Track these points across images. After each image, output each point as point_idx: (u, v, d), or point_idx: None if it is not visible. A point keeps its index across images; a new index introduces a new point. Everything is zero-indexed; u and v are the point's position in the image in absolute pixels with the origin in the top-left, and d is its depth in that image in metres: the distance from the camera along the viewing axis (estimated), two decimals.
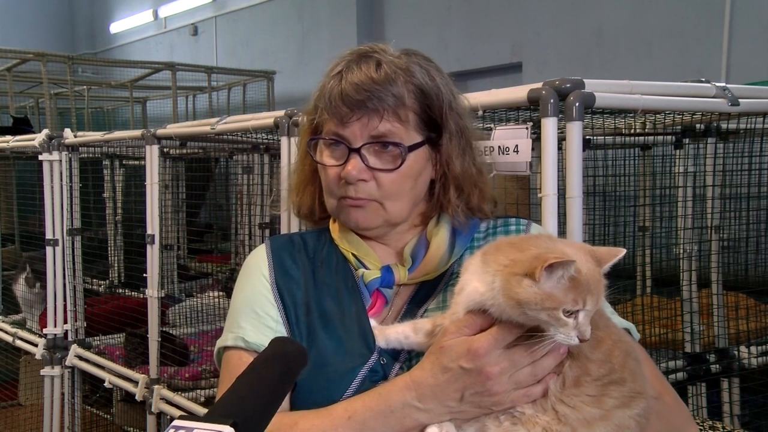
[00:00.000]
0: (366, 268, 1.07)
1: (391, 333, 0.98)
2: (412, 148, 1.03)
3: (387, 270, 1.05)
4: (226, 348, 1.06)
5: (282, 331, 1.04)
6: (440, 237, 1.07)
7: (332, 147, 1.05)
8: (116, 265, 4.22)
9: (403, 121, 1.02)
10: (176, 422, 0.65)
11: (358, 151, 1.01)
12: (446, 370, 0.87)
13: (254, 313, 1.06)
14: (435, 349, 0.90)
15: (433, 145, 1.07)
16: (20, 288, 3.58)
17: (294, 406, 1.00)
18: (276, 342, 0.82)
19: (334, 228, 1.13)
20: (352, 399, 0.94)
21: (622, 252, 0.85)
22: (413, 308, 1.04)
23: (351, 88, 1.00)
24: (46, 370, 3.07)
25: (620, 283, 2.11)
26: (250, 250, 3.20)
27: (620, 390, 0.83)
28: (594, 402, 0.83)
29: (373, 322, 1.01)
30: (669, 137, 2.45)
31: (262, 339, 1.02)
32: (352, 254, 1.08)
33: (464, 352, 0.86)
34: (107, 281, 4.18)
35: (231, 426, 0.64)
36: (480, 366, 0.85)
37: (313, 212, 1.16)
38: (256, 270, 1.10)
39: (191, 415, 0.67)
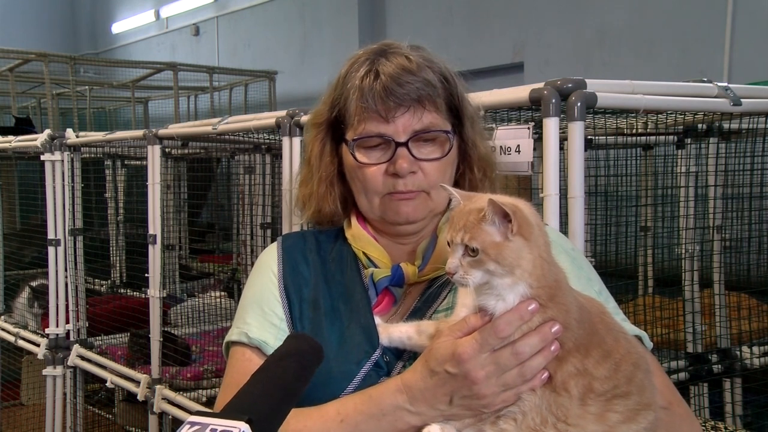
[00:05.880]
0: (376, 267, 1.07)
1: (395, 332, 0.98)
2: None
3: (397, 269, 1.06)
4: (232, 343, 1.08)
5: (285, 329, 1.05)
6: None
7: (369, 147, 1.05)
8: (118, 265, 4.21)
9: (439, 110, 1.05)
10: (192, 418, 0.66)
11: (405, 144, 1.03)
12: (434, 373, 0.87)
13: (260, 310, 1.07)
14: (426, 352, 0.90)
15: (456, 132, 1.09)
16: (22, 299, 3.59)
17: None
18: (291, 339, 0.82)
19: (348, 228, 1.13)
20: (344, 400, 0.94)
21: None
22: (422, 308, 1.04)
23: (392, 82, 1.01)
24: (48, 370, 3.07)
25: (622, 282, 2.10)
26: (252, 250, 3.23)
27: (625, 404, 0.82)
28: (597, 419, 0.82)
29: (377, 320, 1.02)
30: (671, 137, 2.45)
31: (265, 335, 1.04)
32: (363, 253, 1.09)
33: (449, 356, 0.85)
34: (109, 281, 4.18)
35: (246, 423, 0.64)
36: (465, 371, 0.84)
37: (334, 217, 1.15)
38: (266, 267, 1.12)
39: (207, 412, 0.67)
